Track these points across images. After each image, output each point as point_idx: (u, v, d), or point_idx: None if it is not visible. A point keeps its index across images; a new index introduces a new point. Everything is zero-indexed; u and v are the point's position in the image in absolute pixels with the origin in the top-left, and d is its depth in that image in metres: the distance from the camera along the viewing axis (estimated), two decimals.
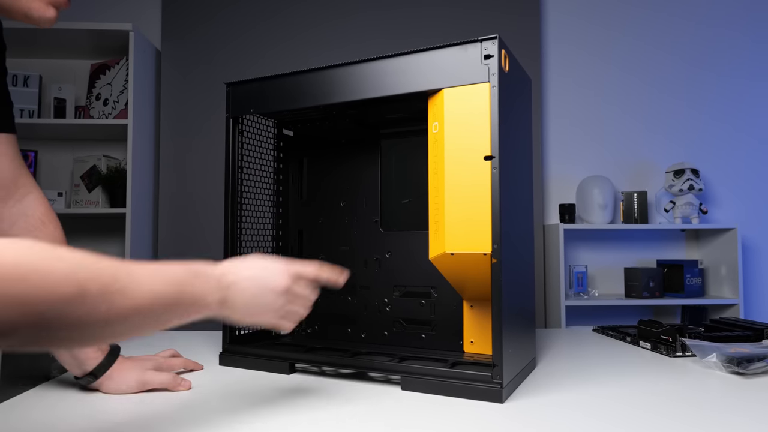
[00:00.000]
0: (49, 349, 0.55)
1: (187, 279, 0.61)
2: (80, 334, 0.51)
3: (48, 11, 0.67)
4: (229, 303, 0.65)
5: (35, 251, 0.48)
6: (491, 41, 0.82)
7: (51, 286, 0.47)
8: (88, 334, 0.52)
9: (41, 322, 0.47)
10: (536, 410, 0.76)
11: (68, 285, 0.48)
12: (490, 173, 0.81)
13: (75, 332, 0.50)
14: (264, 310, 0.70)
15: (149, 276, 0.56)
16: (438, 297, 1.06)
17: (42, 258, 0.48)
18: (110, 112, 2.56)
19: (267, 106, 1.03)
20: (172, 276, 0.59)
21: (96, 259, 0.52)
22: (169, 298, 0.58)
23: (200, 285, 0.62)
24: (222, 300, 0.64)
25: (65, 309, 0.48)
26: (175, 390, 0.86)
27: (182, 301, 0.59)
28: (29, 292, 0.46)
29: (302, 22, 2.78)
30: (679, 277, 2.66)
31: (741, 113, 2.97)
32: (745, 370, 0.93)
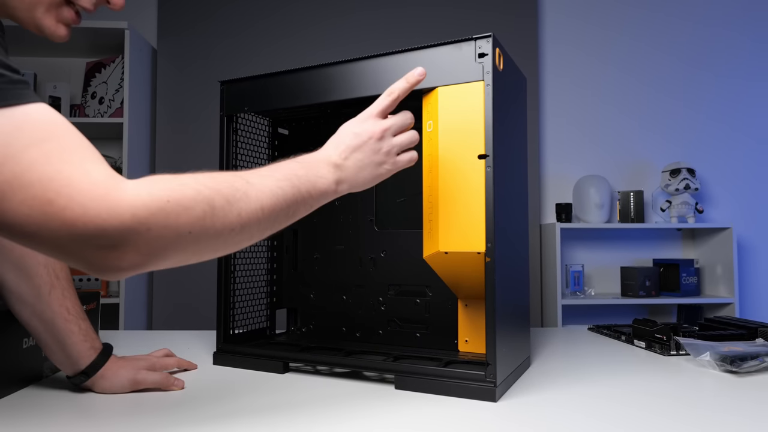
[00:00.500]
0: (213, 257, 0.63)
1: (299, 171, 0.68)
2: (224, 242, 0.59)
3: (59, 29, 0.68)
4: (342, 179, 0.73)
5: (163, 184, 0.54)
6: (485, 40, 0.82)
7: (187, 208, 0.55)
8: (230, 240, 0.60)
9: (193, 237, 0.55)
10: (529, 409, 0.76)
11: (199, 204, 0.56)
12: (485, 172, 0.81)
13: (219, 242, 0.59)
14: (370, 161, 0.75)
15: (263, 178, 0.63)
16: (433, 296, 1.06)
17: (170, 188, 0.55)
18: (106, 111, 2.56)
19: (261, 104, 1.02)
20: (284, 171, 0.66)
21: (213, 176, 0.59)
22: (287, 193, 0.65)
23: (312, 172, 0.69)
24: (336, 179, 0.72)
25: (205, 223, 0.56)
26: (168, 389, 0.86)
27: (299, 193, 0.66)
28: (173, 218, 0.54)
29: (299, 20, 2.77)
30: (675, 276, 2.66)
31: (737, 113, 2.98)
32: (739, 368, 0.93)
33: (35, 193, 0.48)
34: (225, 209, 0.58)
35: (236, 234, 0.60)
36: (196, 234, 0.56)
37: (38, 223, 0.49)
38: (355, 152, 0.74)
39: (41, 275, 0.81)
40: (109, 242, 0.51)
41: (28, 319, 0.82)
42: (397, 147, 0.78)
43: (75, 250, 0.51)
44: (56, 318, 0.81)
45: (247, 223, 0.60)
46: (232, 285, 1.06)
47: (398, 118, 0.79)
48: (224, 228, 0.58)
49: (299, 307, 1.20)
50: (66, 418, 0.73)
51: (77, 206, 0.49)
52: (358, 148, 0.75)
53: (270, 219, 0.63)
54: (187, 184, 0.56)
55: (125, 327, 2.43)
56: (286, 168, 0.68)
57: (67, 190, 0.49)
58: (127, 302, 2.44)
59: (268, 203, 0.62)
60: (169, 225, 0.53)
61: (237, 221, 0.59)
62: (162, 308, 2.68)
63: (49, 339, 0.82)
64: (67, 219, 0.49)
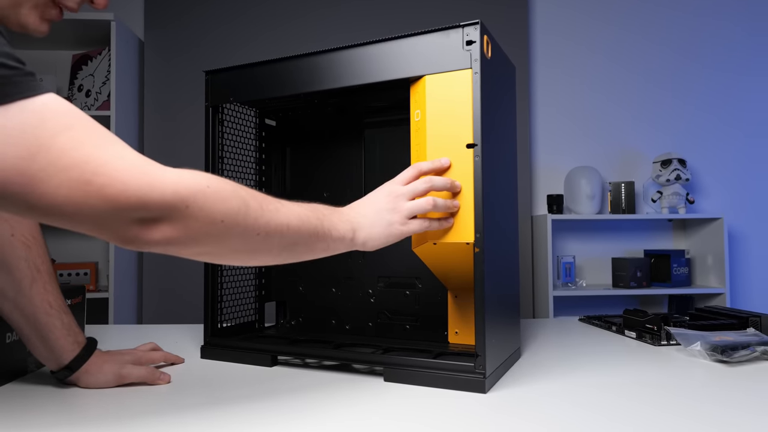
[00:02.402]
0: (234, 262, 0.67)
1: (324, 211, 0.73)
2: (248, 244, 0.64)
3: (42, 26, 0.69)
4: (357, 233, 0.77)
5: (202, 174, 0.59)
6: (473, 27, 0.81)
7: (225, 199, 0.60)
8: (253, 244, 0.64)
9: (224, 228, 0.60)
10: (519, 400, 0.76)
11: (236, 199, 0.61)
12: (473, 161, 0.80)
13: (244, 242, 0.63)
14: (382, 219, 0.79)
15: (292, 204, 0.69)
16: (422, 288, 1.05)
17: (209, 178, 0.60)
18: (93, 104, 2.53)
19: (247, 94, 1.01)
20: (312, 207, 0.72)
21: (250, 189, 0.65)
22: (312, 224, 0.70)
23: (335, 217, 0.75)
24: (352, 228, 0.76)
25: (237, 218, 0.61)
26: (154, 384, 0.85)
27: (322, 228, 0.71)
28: (211, 203, 0.58)
29: (287, 10, 2.75)
30: (666, 266, 2.67)
31: (727, 104, 2.98)
32: (729, 358, 0.93)
33: (72, 176, 0.51)
34: (257, 212, 0.63)
35: (260, 240, 0.64)
36: (228, 225, 0.60)
37: (78, 203, 0.52)
38: (368, 207, 0.80)
39: (22, 269, 0.79)
40: (150, 215, 0.55)
41: (10, 314, 0.80)
42: (407, 210, 0.80)
43: (114, 224, 0.54)
44: (38, 312, 0.80)
45: (272, 232, 0.65)
46: (220, 278, 1.05)
47: (415, 185, 0.81)
48: (252, 228, 0.63)
49: (288, 300, 1.18)
50: (51, 414, 0.72)
51: (118, 183, 0.53)
52: (372, 204, 0.80)
53: (292, 239, 0.68)
54: (228, 182, 0.62)
55: (115, 321, 2.41)
56: (313, 205, 0.74)
57: (104, 170, 0.52)
58: (116, 297, 2.43)
59: (294, 223, 0.68)
60: (206, 208, 0.58)
61: (264, 227, 0.64)
62: (152, 302, 2.66)
63: (31, 333, 0.81)
64: (108, 195, 0.52)
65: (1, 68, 0.51)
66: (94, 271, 2.54)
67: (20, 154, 0.50)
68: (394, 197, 0.80)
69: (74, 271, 2.50)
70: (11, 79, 0.52)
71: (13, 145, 0.50)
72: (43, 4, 0.67)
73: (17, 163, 0.50)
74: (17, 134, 0.50)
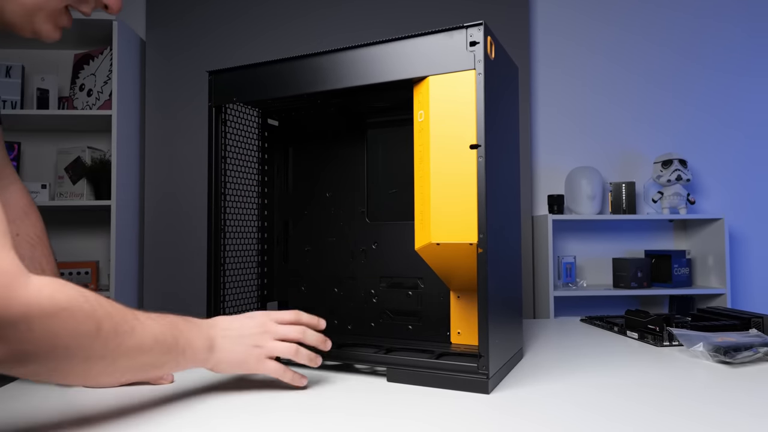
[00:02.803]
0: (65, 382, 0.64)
1: (182, 325, 0.70)
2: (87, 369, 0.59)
3: (56, 33, 0.71)
4: (215, 349, 0.74)
5: (66, 291, 0.55)
6: (477, 28, 0.81)
7: (77, 322, 0.55)
8: (99, 368, 0.59)
9: (66, 353, 0.55)
10: (522, 401, 0.76)
11: (89, 322, 0.56)
12: (476, 162, 0.80)
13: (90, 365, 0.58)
14: (244, 349, 0.76)
15: (152, 321, 0.65)
16: (425, 288, 1.05)
17: (71, 297, 0.55)
18: (94, 103, 2.53)
19: (250, 94, 1.01)
20: (169, 322, 0.68)
21: (111, 303, 0.60)
22: (167, 342, 0.67)
23: (192, 331, 0.71)
24: (209, 346, 0.74)
25: (84, 342, 0.56)
26: (157, 384, 0.85)
27: (178, 345, 0.68)
28: (59, 326, 0.53)
29: (289, 10, 2.75)
30: (666, 267, 2.67)
31: (728, 104, 2.98)
32: (732, 359, 0.93)
33: None
34: (109, 337, 0.59)
35: (107, 364, 0.60)
36: (72, 348, 0.56)
37: None
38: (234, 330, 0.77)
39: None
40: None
41: None
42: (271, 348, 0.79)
43: None
44: None
45: (124, 357, 0.62)
46: (222, 278, 1.05)
47: (288, 330, 0.80)
48: (103, 355, 0.59)
49: (290, 300, 1.19)
50: (52, 413, 0.72)
51: None
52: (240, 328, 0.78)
53: (143, 359, 0.64)
54: (87, 299, 0.57)
55: None
56: (176, 320, 0.70)
57: None
58: (117, 296, 2.43)
59: (147, 343, 0.64)
60: (52, 331, 0.53)
61: (116, 354, 0.60)
62: (153, 302, 2.66)
63: None
64: None
65: None
66: (95, 270, 2.54)
67: None
68: (264, 331, 0.79)
69: (75, 270, 2.50)
70: None
71: None
72: (58, 13, 0.69)
73: None
74: None
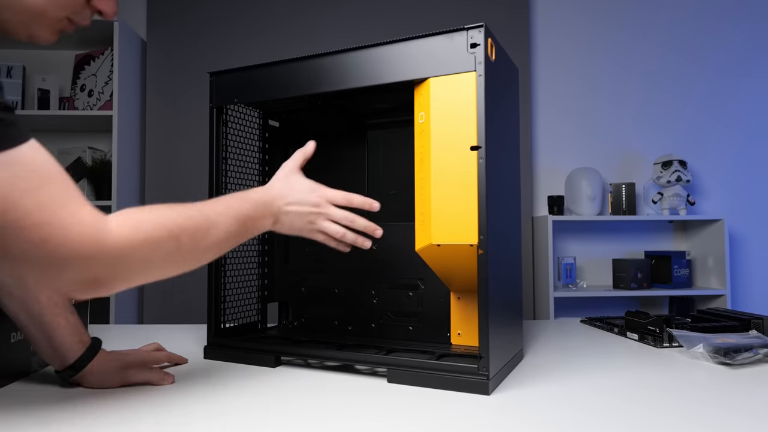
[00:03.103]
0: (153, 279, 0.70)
1: (249, 212, 0.80)
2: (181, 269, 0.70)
3: (53, 37, 0.72)
4: (278, 223, 0.86)
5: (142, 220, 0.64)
6: (477, 30, 0.81)
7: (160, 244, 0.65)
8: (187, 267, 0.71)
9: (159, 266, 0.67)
10: (522, 402, 0.76)
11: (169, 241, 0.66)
12: (477, 163, 0.81)
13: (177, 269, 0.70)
14: (302, 224, 0.88)
15: (221, 216, 0.74)
16: (425, 289, 1.05)
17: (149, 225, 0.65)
18: (95, 104, 2.53)
19: (251, 95, 1.01)
20: (236, 212, 0.78)
21: (182, 211, 0.70)
22: (239, 230, 0.78)
23: (258, 212, 0.82)
24: (274, 221, 0.86)
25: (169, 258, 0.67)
26: (158, 384, 0.85)
27: (247, 229, 0.80)
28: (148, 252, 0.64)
29: (290, 10, 2.75)
30: (666, 268, 2.67)
31: (728, 105, 2.98)
32: (732, 360, 0.93)
33: (33, 236, 0.56)
34: (188, 246, 0.69)
35: (193, 263, 0.72)
36: (162, 265, 0.67)
37: (32, 260, 0.57)
38: (294, 205, 0.87)
39: None
40: (95, 272, 0.60)
41: (16, 313, 0.80)
42: (323, 227, 0.89)
43: (62, 281, 0.60)
44: (44, 311, 0.80)
45: (203, 255, 0.73)
46: (224, 279, 1.05)
47: (339, 214, 0.89)
48: (185, 260, 0.70)
49: (291, 301, 1.19)
50: (55, 414, 0.72)
51: (71, 245, 0.57)
52: (299, 203, 0.87)
53: (220, 249, 0.76)
54: (161, 222, 0.66)
55: (116, 321, 2.41)
56: (243, 206, 0.80)
57: (60, 232, 0.57)
58: (118, 297, 2.43)
59: (222, 236, 0.74)
60: (144, 258, 0.64)
61: (196, 255, 0.71)
62: (153, 302, 2.66)
63: (37, 333, 0.81)
64: (61, 256, 0.57)
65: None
66: None
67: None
68: (318, 213, 0.88)
69: None
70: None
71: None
72: (56, 22, 0.70)
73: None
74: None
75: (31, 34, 0.69)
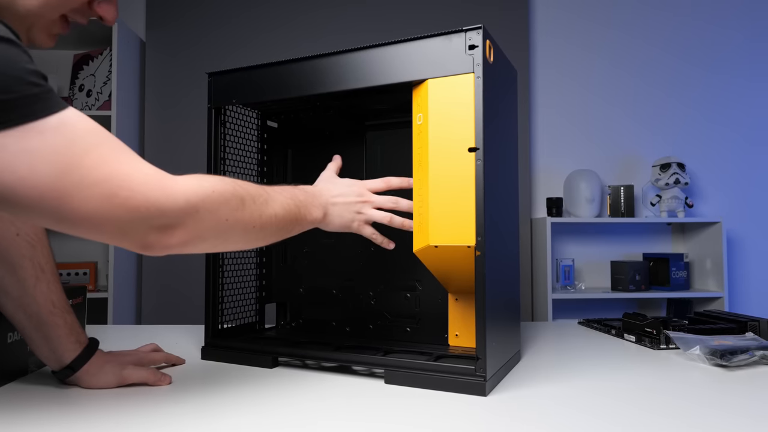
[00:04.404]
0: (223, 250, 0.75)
1: (301, 196, 0.83)
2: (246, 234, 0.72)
3: (50, 41, 0.73)
4: (328, 215, 0.89)
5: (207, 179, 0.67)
6: (476, 31, 0.81)
7: (226, 199, 0.68)
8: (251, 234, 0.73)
9: (226, 225, 0.68)
10: (519, 403, 0.76)
11: (234, 198, 0.69)
12: (475, 165, 0.81)
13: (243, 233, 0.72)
14: (350, 215, 0.92)
15: (277, 194, 0.78)
16: (423, 290, 1.05)
17: (214, 182, 0.67)
18: (94, 104, 2.53)
19: (249, 96, 1.01)
20: (293, 193, 0.81)
21: (242, 181, 0.72)
22: (293, 211, 0.80)
23: (309, 200, 0.85)
24: (324, 213, 0.88)
25: (236, 216, 0.69)
26: (156, 385, 0.85)
27: (300, 215, 0.82)
28: (216, 205, 0.66)
29: (289, 10, 2.75)
30: (664, 270, 2.67)
31: (726, 108, 2.99)
32: (728, 362, 0.93)
33: (100, 191, 0.57)
34: (251, 207, 0.72)
35: (257, 230, 0.73)
36: (231, 222, 0.69)
37: (104, 214, 0.58)
38: (339, 197, 0.91)
39: (26, 268, 0.80)
40: (167, 222, 0.62)
41: (13, 313, 0.80)
42: (370, 216, 0.93)
43: (135, 232, 0.60)
44: (41, 311, 0.80)
45: (265, 222, 0.74)
46: (221, 279, 1.05)
47: (384, 200, 0.94)
48: (250, 221, 0.72)
49: (289, 302, 1.19)
50: (51, 414, 0.72)
51: (140, 195, 0.59)
52: (343, 195, 0.92)
53: (279, 225, 0.77)
54: (226, 182, 0.69)
55: (114, 322, 2.41)
56: (295, 192, 0.83)
57: (127, 184, 0.59)
58: (115, 297, 2.43)
59: (280, 213, 0.77)
60: (213, 211, 0.66)
61: (258, 219, 0.73)
62: (151, 303, 2.66)
63: (33, 333, 0.81)
64: (131, 206, 0.59)
65: (31, 86, 0.55)
66: (93, 270, 2.54)
67: (54, 172, 0.55)
68: (364, 201, 0.93)
69: (74, 270, 2.50)
70: (39, 96, 0.55)
71: (48, 164, 0.55)
72: (51, 23, 0.70)
73: (51, 180, 0.55)
74: (51, 154, 0.55)
75: (31, 37, 0.70)
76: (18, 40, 0.57)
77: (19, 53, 0.55)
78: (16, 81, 0.54)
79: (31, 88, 0.55)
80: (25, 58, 0.56)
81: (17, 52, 0.55)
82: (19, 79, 0.54)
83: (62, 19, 0.72)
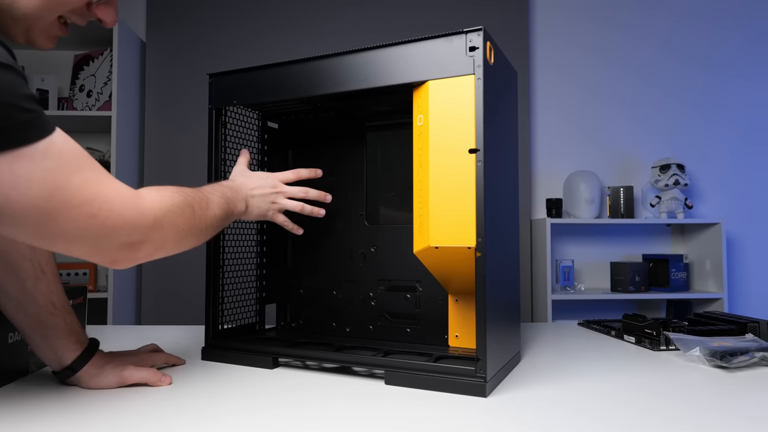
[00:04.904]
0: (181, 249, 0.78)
1: (229, 194, 0.90)
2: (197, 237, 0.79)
3: (50, 43, 0.75)
4: (249, 207, 0.96)
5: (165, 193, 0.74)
6: (476, 33, 0.81)
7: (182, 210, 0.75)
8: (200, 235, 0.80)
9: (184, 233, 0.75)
10: (519, 404, 0.76)
11: (187, 208, 0.76)
12: (475, 166, 0.81)
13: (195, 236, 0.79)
14: (266, 205, 0.99)
15: (213, 195, 0.85)
16: (423, 291, 1.05)
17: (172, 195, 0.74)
18: (94, 104, 2.53)
19: (250, 97, 1.01)
20: (221, 193, 0.88)
21: (187, 189, 0.79)
22: (226, 209, 0.87)
23: (234, 196, 0.92)
24: (246, 206, 0.95)
25: (190, 223, 0.76)
26: (156, 385, 0.85)
27: (230, 210, 0.89)
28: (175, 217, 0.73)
29: (290, 11, 2.76)
30: (664, 271, 2.67)
31: (726, 109, 2.99)
32: (728, 363, 0.93)
33: (83, 212, 0.61)
34: (198, 213, 0.79)
35: (203, 232, 0.81)
36: (186, 230, 0.75)
37: (83, 233, 0.62)
38: (257, 189, 0.98)
39: (26, 269, 0.80)
40: (136, 239, 0.67)
41: (14, 313, 0.80)
42: (284, 205, 1.02)
43: (107, 248, 0.66)
44: (41, 312, 0.80)
45: (209, 224, 0.82)
46: (221, 280, 1.05)
47: (294, 190, 1.03)
48: (198, 226, 0.79)
49: (289, 302, 1.19)
50: (52, 414, 0.72)
51: (116, 214, 0.64)
52: (260, 188, 0.99)
53: (217, 225, 0.85)
54: (177, 192, 0.76)
55: (113, 322, 2.41)
56: (223, 190, 0.90)
57: (107, 205, 0.63)
58: (115, 297, 2.43)
59: (218, 213, 0.84)
60: (173, 223, 0.72)
61: (204, 222, 0.80)
62: (150, 303, 2.66)
63: (34, 333, 0.81)
64: (109, 225, 0.64)
65: (24, 113, 0.57)
66: (93, 271, 2.54)
67: (42, 194, 0.58)
68: (277, 192, 1.01)
69: (73, 271, 2.50)
70: (31, 122, 0.58)
71: (37, 187, 0.58)
72: (50, 26, 0.71)
73: (39, 202, 0.58)
74: (40, 178, 0.58)
75: (30, 39, 0.71)
76: (15, 63, 0.58)
77: (15, 78, 0.57)
78: (12, 108, 0.56)
79: (24, 114, 0.57)
80: (20, 82, 0.57)
81: (13, 78, 0.57)
82: (14, 107, 0.56)
83: (60, 22, 0.72)
